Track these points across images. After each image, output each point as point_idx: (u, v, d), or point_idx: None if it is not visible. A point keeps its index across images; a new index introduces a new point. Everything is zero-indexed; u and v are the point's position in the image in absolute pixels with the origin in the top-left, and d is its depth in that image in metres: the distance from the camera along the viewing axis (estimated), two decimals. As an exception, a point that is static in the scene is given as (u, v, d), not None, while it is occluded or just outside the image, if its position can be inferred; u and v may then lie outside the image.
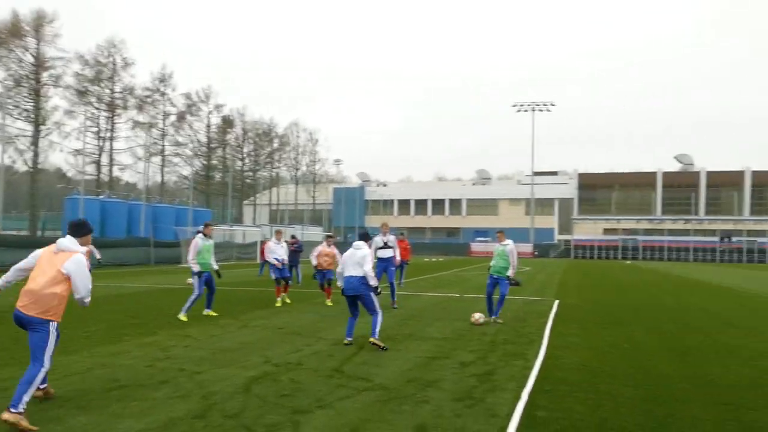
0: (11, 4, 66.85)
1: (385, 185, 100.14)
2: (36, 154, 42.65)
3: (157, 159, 58.28)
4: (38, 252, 5.13)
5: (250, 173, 76.54)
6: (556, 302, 15.01)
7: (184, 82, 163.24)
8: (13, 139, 40.68)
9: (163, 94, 57.74)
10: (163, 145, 59.08)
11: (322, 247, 13.95)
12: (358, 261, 8.08)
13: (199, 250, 10.96)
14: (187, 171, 62.49)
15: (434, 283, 22.17)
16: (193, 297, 10.83)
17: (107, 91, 51.11)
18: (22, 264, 5.17)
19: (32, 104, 42.66)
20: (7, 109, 36.57)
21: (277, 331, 9.57)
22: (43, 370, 4.84)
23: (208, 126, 65.79)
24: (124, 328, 9.65)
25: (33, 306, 4.84)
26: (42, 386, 5.23)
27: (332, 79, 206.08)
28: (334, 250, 13.77)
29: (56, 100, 50.12)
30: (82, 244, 5.19)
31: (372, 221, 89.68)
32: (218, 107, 66.22)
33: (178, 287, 18.58)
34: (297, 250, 19.87)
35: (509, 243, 11.13)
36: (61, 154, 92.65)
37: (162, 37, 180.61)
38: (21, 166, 44.80)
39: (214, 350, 7.82)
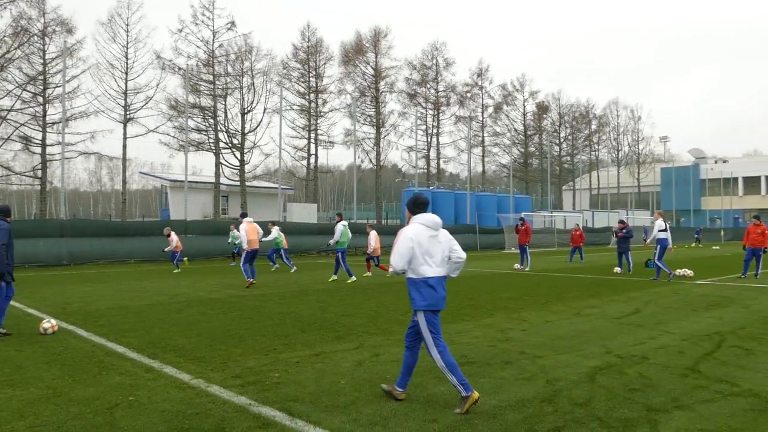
0: (353, 25, 77.82)
1: (725, 161, 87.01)
2: (378, 153, 49.05)
3: (477, 150, 61.37)
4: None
5: (568, 158, 74.74)
6: None
7: (499, 73, 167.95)
8: (360, 141, 47.59)
9: (481, 87, 60.47)
10: (483, 137, 61.84)
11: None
12: None
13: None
14: (505, 159, 64.41)
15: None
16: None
17: (432, 91, 55.75)
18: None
19: (374, 110, 49.20)
20: (356, 117, 42.85)
21: (614, 321, 9.11)
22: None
23: (524, 114, 66.43)
24: (463, 309, 10.39)
25: None
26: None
27: (663, 51, 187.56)
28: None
29: (392, 104, 56.84)
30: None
31: (709, 203, 78.95)
32: (533, 94, 66.34)
33: (504, 272, 19.25)
34: (627, 236, 18.63)
35: None
36: (397, 152, 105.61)
37: (477, 31, 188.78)
38: (367, 164, 52.10)
39: (551, 336, 7.82)
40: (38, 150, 34.22)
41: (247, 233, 14.42)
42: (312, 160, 47.84)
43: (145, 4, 47.90)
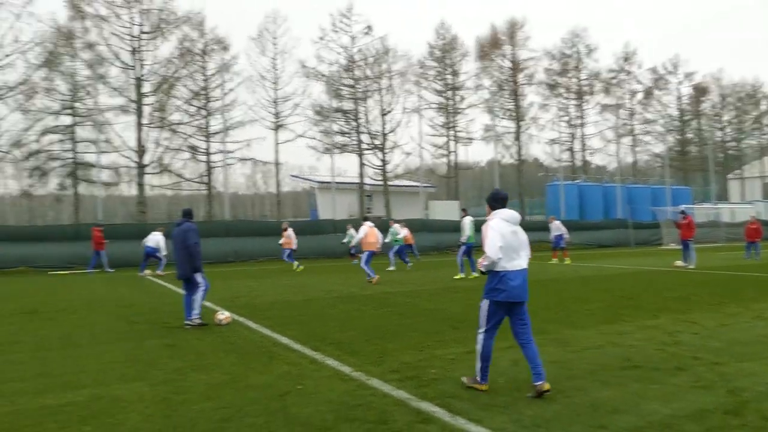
0: (488, 19, 76.64)
1: None
2: (519, 148, 47.83)
3: (626, 139, 57.57)
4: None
5: (733, 143, 67.56)
6: None
7: (648, 56, 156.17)
8: (500, 136, 46.71)
9: (628, 72, 56.63)
10: (632, 125, 57.88)
11: None
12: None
13: None
14: (659, 148, 59.68)
15: None
16: None
17: (574, 80, 53.20)
18: None
19: (513, 104, 48.04)
20: (495, 112, 42.17)
21: (804, 325, 8.07)
22: None
23: (679, 98, 61.12)
24: (621, 309, 9.78)
25: None
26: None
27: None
28: None
29: (531, 96, 55.08)
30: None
31: None
32: (688, 76, 60.78)
33: (665, 270, 17.87)
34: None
35: None
36: (539, 145, 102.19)
37: (622, 13, 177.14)
38: (508, 159, 51.01)
39: (729, 341, 7.09)
40: (204, 158, 37.74)
41: (366, 236, 15.25)
42: (452, 157, 47.85)
43: (290, 18, 50.86)
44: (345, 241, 23.69)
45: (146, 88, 33.62)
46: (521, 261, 5.19)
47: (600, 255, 27.22)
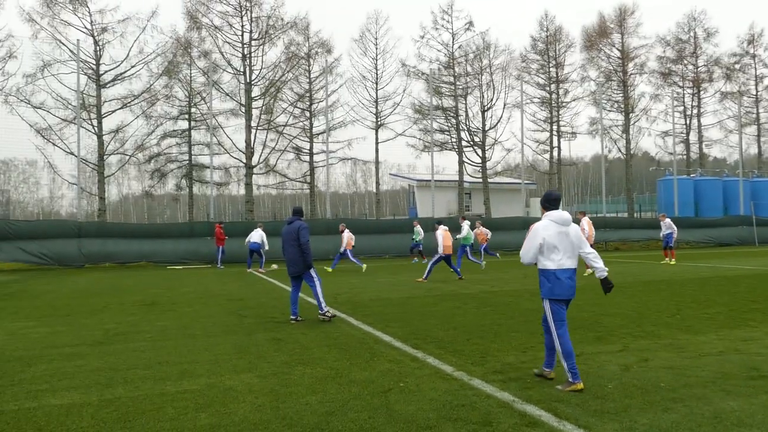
0: (596, 8, 73.24)
1: None
2: (627, 141, 45.37)
3: (750, 129, 53.01)
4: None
5: None
6: None
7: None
8: (607, 129, 44.55)
9: (753, 56, 52.06)
10: (758, 113, 53.19)
11: None
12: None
13: None
14: (788, 138, 54.41)
15: None
16: None
17: (690, 67, 49.69)
18: None
19: (621, 95, 45.65)
20: (602, 104, 40.28)
21: None
22: None
23: (814, 81, 55.35)
24: (745, 313, 9.03)
25: None
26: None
27: None
28: None
29: (642, 87, 52.16)
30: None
31: None
32: (826, 56, 54.85)
33: (796, 271, 16.30)
34: None
35: None
36: (649, 138, 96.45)
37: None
38: (615, 154, 48.57)
39: None
40: (306, 158, 39.03)
41: (444, 239, 15.35)
42: (554, 152, 46.30)
43: (391, 17, 51.40)
44: (413, 238, 23.85)
45: (255, 92, 35.29)
46: (568, 261, 5.31)
47: (719, 254, 25.26)
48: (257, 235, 19.87)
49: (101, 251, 23.81)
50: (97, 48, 30.22)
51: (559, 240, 5.30)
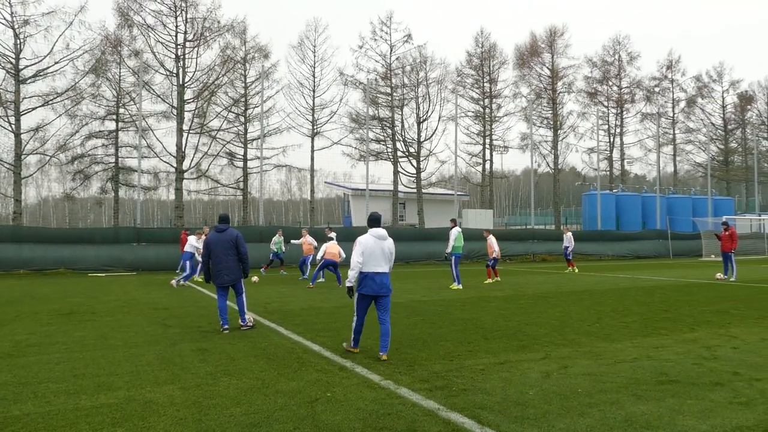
0: (528, 27, 75.96)
1: None
2: (556, 156, 47.19)
3: (667, 149, 56.28)
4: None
5: (780, 153, 65.28)
6: None
7: (692, 64, 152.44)
8: (537, 145, 46.17)
9: (671, 81, 55.42)
10: (674, 133, 56.57)
11: None
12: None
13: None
14: (701, 158, 58.11)
15: None
16: None
17: (615, 88, 52.30)
18: None
19: (551, 112, 47.48)
20: (532, 120, 41.72)
21: None
22: None
23: (723, 106, 59.46)
24: (658, 322, 9.54)
25: None
26: None
27: None
28: None
29: (570, 105, 54.45)
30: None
31: None
32: (734, 84, 59.08)
33: (704, 282, 17.37)
34: None
35: None
36: (576, 154, 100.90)
37: (665, 20, 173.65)
38: (544, 168, 50.40)
39: (771, 357, 6.85)
40: (240, 164, 38.33)
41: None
42: (487, 165, 47.53)
43: (330, 26, 51.42)
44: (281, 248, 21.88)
45: (188, 94, 34.38)
46: (382, 267, 6.91)
47: (638, 266, 26.61)
48: (194, 245, 18.79)
49: (15, 257, 22.43)
50: (18, 41, 28.61)
51: (376, 249, 6.88)
